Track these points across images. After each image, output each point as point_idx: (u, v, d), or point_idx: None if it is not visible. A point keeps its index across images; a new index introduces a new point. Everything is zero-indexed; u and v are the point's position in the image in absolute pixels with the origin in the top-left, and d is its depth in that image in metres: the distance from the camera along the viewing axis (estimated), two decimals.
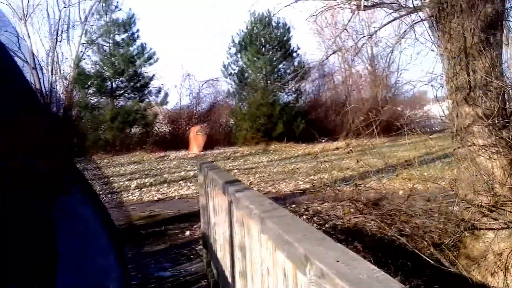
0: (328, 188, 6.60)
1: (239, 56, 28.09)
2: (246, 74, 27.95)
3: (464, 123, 5.44)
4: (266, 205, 2.75)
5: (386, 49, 21.07)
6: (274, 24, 27.12)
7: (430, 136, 6.40)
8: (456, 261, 5.07)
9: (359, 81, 30.55)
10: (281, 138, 24.33)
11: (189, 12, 70.71)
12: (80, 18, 26.40)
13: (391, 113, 19.87)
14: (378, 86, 26.65)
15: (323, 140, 8.47)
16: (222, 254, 4.32)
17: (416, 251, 4.88)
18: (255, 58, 26.98)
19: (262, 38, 26.89)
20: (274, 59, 27.23)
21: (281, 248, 2.13)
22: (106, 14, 26.25)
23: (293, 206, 8.09)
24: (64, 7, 25.77)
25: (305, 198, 7.78)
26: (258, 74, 27.16)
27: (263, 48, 27.29)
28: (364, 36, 7.87)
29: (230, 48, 28.45)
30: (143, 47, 26.87)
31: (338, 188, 6.67)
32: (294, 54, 27.83)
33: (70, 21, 26.17)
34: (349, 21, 7.92)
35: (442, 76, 5.79)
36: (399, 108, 27.13)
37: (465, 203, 5.36)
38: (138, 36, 27.13)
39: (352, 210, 6.16)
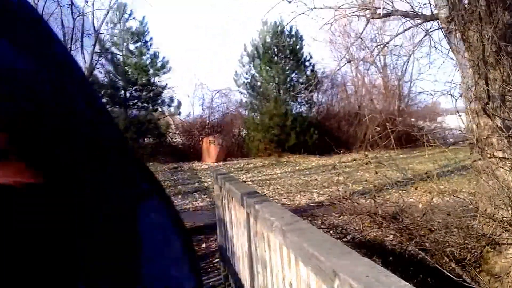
0: (345, 200, 6.52)
1: (251, 65, 28.07)
2: (259, 84, 27.91)
3: (483, 134, 5.36)
4: (287, 217, 2.71)
5: (399, 58, 21.03)
6: (286, 32, 27.07)
7: (445, 148, 6.32)
8: (478, 277, 4.96)
9: (372, 91, 30.43)
10: (294, 149, 24.22)
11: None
12: (94, 27, 26.59)
13: (404, 124, 19.75)
14: (392, 96, 26.54)
15: (340, 152, 8.41)
16: (241, 267, 4.27)
17: (438, 266, 4.79)
18: (268, 68, 26.94)
19: (275, 47, 26.87)
20: (287, 68, 27.15)
21: (305, 262, 2.09)
22: (119, 23, 26.44)
23: (309, 219, 8.02)
24: (78, 16, 25.97)
25: (321, 210, 7.70)
26: (271, 84, 27.10)
27: (276, 57, 27.23)
28: (380, 45, 7.84)
29: (242, 57, 28.49)
30: (156, 55, 27.01)
31: (356, 201, 6.60)
32: (307, 63, 27.74)
33: (84, 29, 26.35)
34: (363, 29, 7.91)
35: (461, 86, 5.72)
36: (412, 119, 26.98)
37: (486, 218, 5.26)
38: (151, 44, 27.31)
39: (370, 223, 6.09)
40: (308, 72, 27.24)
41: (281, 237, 2.48)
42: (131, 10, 26.74)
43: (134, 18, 26.94)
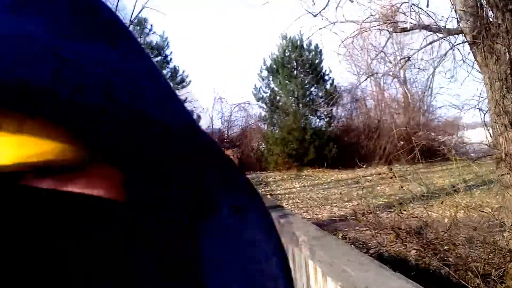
0: (368, 215, 6.46)
1: (271, 79, 28.10)
2: (278, 98, 27.91)
3: (510, 148, 5.28)
4: (314, 232, 2.67)
5: (420, 72, 20.93)
6: (305, 47, 27.03)
7: (465, 162, 6.27)
8: None
9: (392, 105, 30.26)
10: (313, 164, 24.09)
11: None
12: None
13: (425, 138, 19.55)
14: (412, 110, 26.39)
15: (363, 166, 8.37)
16: None
17: (462, 281, 4.71)
18: (287, 82, 26.93)
19: (295, 62, 26.89)
20: (306, 82, 27.10)
21: (334, 277, 2.04)
22: (140, 37, 26.67)
23: (331, 233, 7.94)
24: None
25: (343, 225, 7.64)
26: (290, 98, 27.08)
27: (295, 71, 27.20)
28: (403, 58, 7.81)
29: (261, 71, 28.54)
30: (175, 70, 27.23)
31: (379, 215, 6.53)
32: (326, 77, 27.68)
33: None
34: (385, 43, 7.88)
35: (488, 100, 5.65)
36: (432, 134, 26.71)
37: (511, 233, 5.18)
38: (171, 59, 27.54)
39: (394, 238, 6.02)
40: (328, 86, 27.17)
41: (308, 252, 2.44)
42: (151, 25, 27.03)
43: (154, 32, 27.22)
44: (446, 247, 5.49)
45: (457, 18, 5.87)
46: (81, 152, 0.35)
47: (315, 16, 7.32)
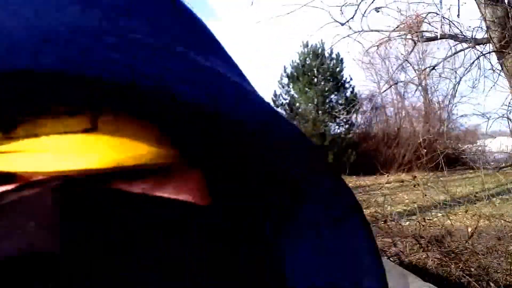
0: (390, 222, 6.41)
1: (290, 86, 27.97)
2: (298, 104, 27.76)
3: None
4: None
5: (442, 81, 20.73)
6: (326, 55, 26.90)
7: (487, 170, 6.20)
8: None
9: (412, 114, 29.95)
10: None
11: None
12: None
13: (445, 147, 19.27)
14: (432, 119, 26.13)
15: (385, 173, 8.31)
16: None
17: None
18: (307, 89, 26.77)
19: (315, 69, 26.73)
20: (326, 89, 26.92)
21: None
22: None
23: None
24: None
25: None
26: (310, 105, 26.93)
27: (315, 79, 27.05)
28: (428, 67, 7.77)
29: (282, 79, 28.43)
30: None
31: (399, 222, 6.48)
32: (347, 85, 27.52)
33: None
34: (410, 52, 7.84)
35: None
36: (452, 142, 26.35)
37: None
38: None
39: (414, 246, 5.96)
40: (348, 94, 27.00)
41: None
42: None
43: None
44: (467, 257, 5.42)
45: (487, 28, 5.82)
46: (171, 156, 0.35)
47: (342, 25, 7.26)
